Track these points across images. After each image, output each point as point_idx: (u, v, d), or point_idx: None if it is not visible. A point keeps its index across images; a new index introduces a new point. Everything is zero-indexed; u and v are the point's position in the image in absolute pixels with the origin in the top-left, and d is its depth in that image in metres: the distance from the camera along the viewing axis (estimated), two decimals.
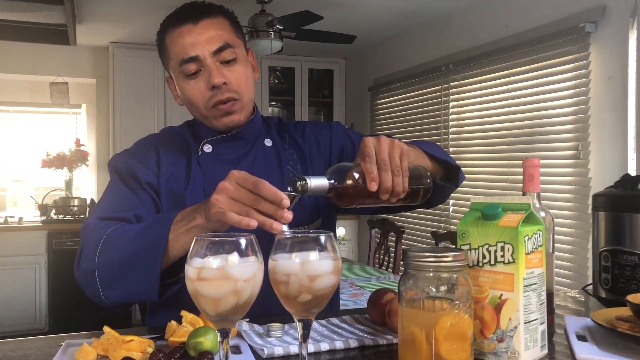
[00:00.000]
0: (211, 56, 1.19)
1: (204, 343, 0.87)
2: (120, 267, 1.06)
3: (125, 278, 1.06)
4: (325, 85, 5.85)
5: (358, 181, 0.98)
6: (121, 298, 1.08)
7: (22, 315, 4.62)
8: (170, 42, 1.22)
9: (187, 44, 1.18)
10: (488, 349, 0.88)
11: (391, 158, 0.98)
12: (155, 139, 1.33)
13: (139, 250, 1.04)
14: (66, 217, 4.89)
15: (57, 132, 5.48)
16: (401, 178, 0.98)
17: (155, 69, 5.07)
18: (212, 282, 0.72)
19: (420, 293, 0.81)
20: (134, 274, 1.05)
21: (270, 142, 1.33)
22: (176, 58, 1.21)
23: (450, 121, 4.23)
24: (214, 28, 1.20)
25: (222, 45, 1.19)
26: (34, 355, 0.95)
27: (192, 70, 1.19)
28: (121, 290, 1.07)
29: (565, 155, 3.20)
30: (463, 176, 1.30)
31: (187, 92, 1.23)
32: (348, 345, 0.97)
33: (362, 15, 4.28)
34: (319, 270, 0.77)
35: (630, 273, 1.22)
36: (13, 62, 4.97)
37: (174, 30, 1.21)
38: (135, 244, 1.05)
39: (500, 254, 0.87)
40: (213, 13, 1.22)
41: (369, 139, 1.00)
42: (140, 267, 1.04)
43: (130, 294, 1.07)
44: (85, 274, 1.09)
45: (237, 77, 1.22)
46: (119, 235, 1.08)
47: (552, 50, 3.27)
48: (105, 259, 1.07)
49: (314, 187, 0.95)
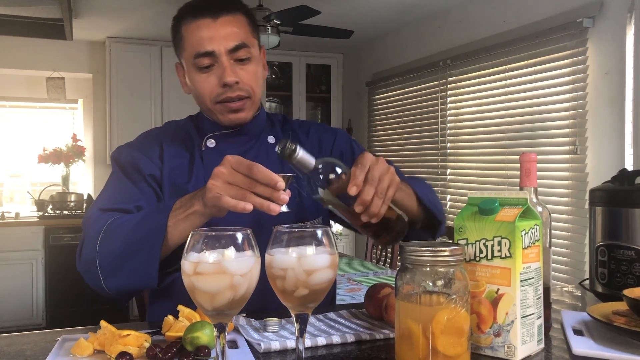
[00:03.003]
0: (227, 53, 1.19)
1: (201, 338, 0.87)
2: (120, 256, 1.06)
3: (125, 266, 1.06)
4: (322, 80, 5.84)
5: (341, 179, 0.96)
6: (122, 286, 1.09)
7: (19, 311, 4.61)
8: (187, 32, 1.22)
9: (205, 38, 1.19)
10: (485, 343, 0.88)
11: (381, 180, 0.97)
12: (159, 132, 1.34)
13: (139, 238, 1.04)
14: (63, 212, 4.88)
15: (54, 127, 5.46)
16: (381, 202, 0.97)
17: (152, 63, 5.06)
18: (208, 276, 0.72)
19: (417, 287, 0.81)
20: (133, 261, 1.05)
21: (272, 139, 1.34)
22: (191, 49, 1.21)
23: (448, 116, 4.23)
24: (232, 25, 1.20)
25: (238, 44, 1.20)
26: (30, 350, 0.95)
27: (205, 64, 1.20)
28: (121, 278, 1.07)
29: (562, 150, 3.20)
30: (443, 231, 1.31)
31: (197, 84, 1.23)
32: (345, 340, 0.97)
33: (360, 10, 4.27)
34: (315, 265, 0.76)
35: (627, 268, 1.22)
36: (9, 56, 4.95)
37: (192, 21, 1.21)
38: (134, 232, 1.06)
39: (497, 248, 0.87)
40: (233, 9, 1.22)
41: (368, 154, 1.00)
42: (140, 255, 1.04)
43: (131, 282, 1.08)
44: (86, 264, 1.10)
45: (249, 76, 1.23)
46: (119, 224, 1.09)
47: (549, 46, 3.27)
48: (105, 249, 1.07)
49: (300, 157, 0.94)
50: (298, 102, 5.64)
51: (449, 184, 4.24)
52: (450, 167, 4.23)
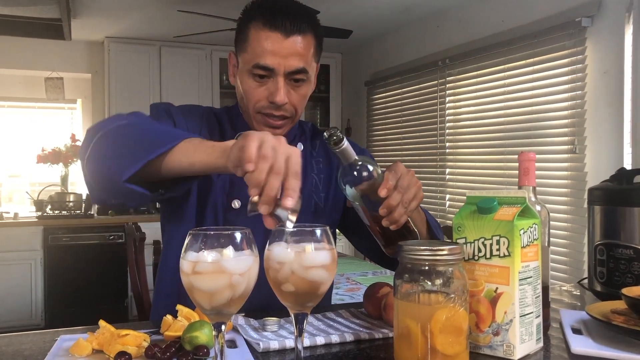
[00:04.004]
0: (285, 74, 1.17)
1: (200, 337, 0.87)
2: (117, 136, 0.99)
3: (114, 151, 0.97)
4: (321, 80, 5.84)
5: (375, 180, 1.01)
6: (96, 169, 0.99)
7: (18, 311, 4.61)
8: (254, 37, 1.18)
9: (269, 52, 1.16)
10: (483, 342, 0.88)
11: (408, 190, 1.01)
12: (204, 111, 1.31)
13: (144, 137, 0.97)
14: (62, 212, 4.88)
15: (53, 127, 5.46)
16: (404, 211, 1.01)
17: (151, 63, 5.05)
18: (207, 275, 0.72)
19: (416, 287, 0.81)
20: (124, 147, 0.97)
21: (301, 147, 1.33)
22: (253, 56, 1.18)
23: (447, 116, 4.23)
24: (300, 47, 1.17)
25: (299, 68, 1.18)
26: (29, 350, 0.95)
27: (261, 74, 1.18)
28: (101, 159, 0.98)
29: (561, 149, 3.20)
30: None
31: (247, 88, 1.21)
32: (344, 339, 0.97)
33: (359, 10, 4.27)
34: (314, 263, 0.76)
35: (626, 266, 1.22)
36: (8, 56, 4.95)
37: (263, 29, 1.17)
38: (143, 132, 0.99)
39: (495, 247, 0.87)
40: (306, 30, 1.19)
41: (401, 164, 1.04)
42: (133, 149, 0.95)
43: (107, 167, 0.96)
44: (86, 140, 1.03)
45: (299, 98, 1.22)
46: (138, 114, 1.09)
47: (548, 45, 3.27)
48: (109, 124, 1.02)
49: (345, 147, 0.99)
50: None
51: (447, 184, 4.24)
52: (448, 167, 4.23)
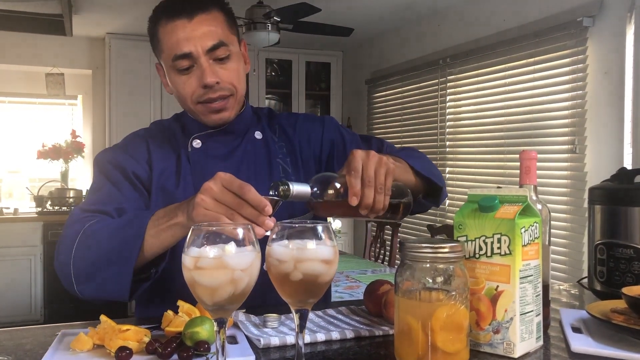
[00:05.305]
0: (205, 54, 1.16)
1: (201, 333, 0.87)
2: (94, 264, 1.04)
3: (98, 275, 1.04)
4: (322, 78, 5.84)
5: (340, 192, 0.99)
6: (95, 294, 1.07)
7: (18, 306, 4.61)
8: (163, 35, 1.19)
9: (181, 40, 1.16)
10: (484, 340, 0.89)
11: (377, 175, 0.98)
12: (145, 133, 1.31)
13: (114, 247, 1.02)
14: (62, 208, 4.88)
15: (53, 123, 5.45)
16: (383, 196, 0.98)
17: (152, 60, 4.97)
18: (209, 271, 0.72)
19: (416, 284, 0.81)
20: (107, 272, 1.03)
21: (260, 135, 1.32)
22: (169, 52, 1.18)
23: (447, 115, 4.23)
24: (208, 24, 1.17)
25: (216, 43, 1.16)
26: (30, 344, 0.95)
27: (184, 66, 1.17)
28: (94, 286, 1.06)
29: (561, 149, 3.20)
30: (445, 194, 1.30)
31: (178, 86, 1.21)
32: (344, 336, 0.97)
33: (360, 8, 4.27)
34: (316, 259, 0.77)
35: (626, 266, 1.22)
36: (8, 52, 4.94)
37: (167, 23, 1.18)
38: (110, 240, 1.04)
39: (496, 245, 0.87)
40: (208, 7, 1.18)
41: (357, 153, 1.00)
42: (114, 266, 1.02)
43: (102, 292, 1.06)
44: (61, 266, 1.08)
45: (230, 74, 1.20)
46: (96, 230, 1.07)
47: (549, 45, 3.27)
48: (80, 254, 1.05)
49: (296, 193, 0.95)
50: (297, 100, 5.63)
51: (448, 182, 4.24)
52: (449, 166, 4.23)
